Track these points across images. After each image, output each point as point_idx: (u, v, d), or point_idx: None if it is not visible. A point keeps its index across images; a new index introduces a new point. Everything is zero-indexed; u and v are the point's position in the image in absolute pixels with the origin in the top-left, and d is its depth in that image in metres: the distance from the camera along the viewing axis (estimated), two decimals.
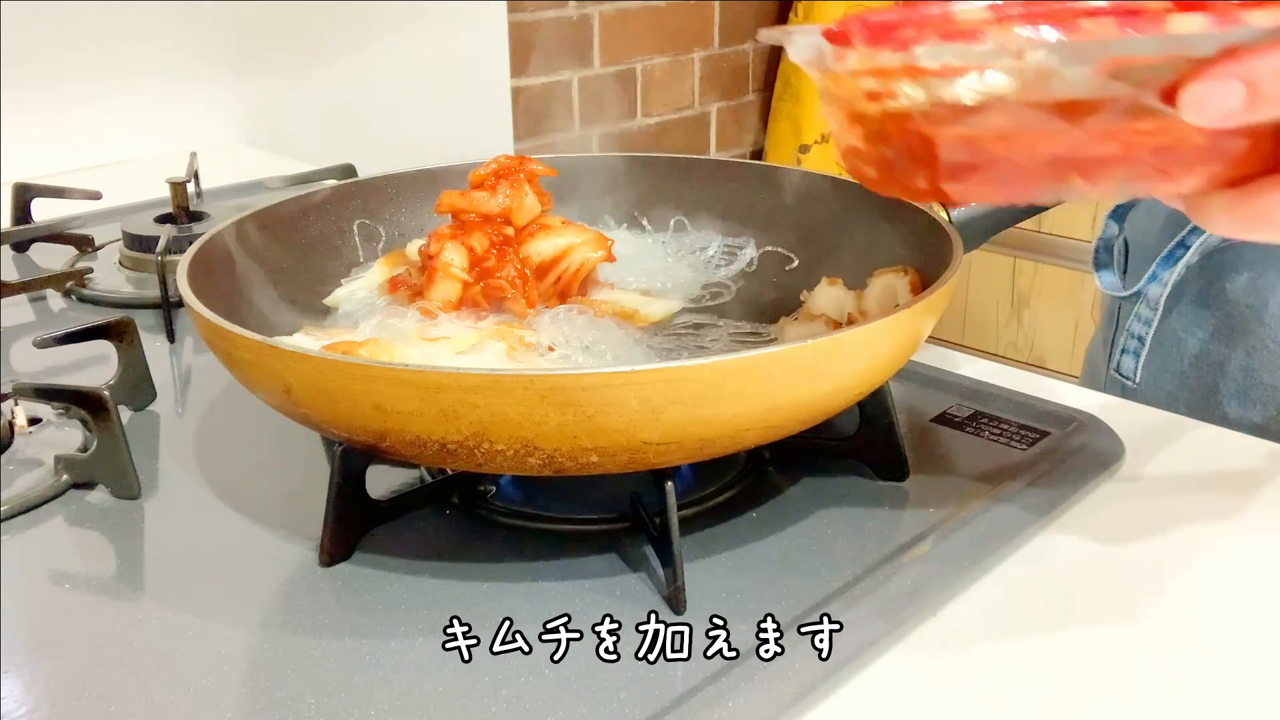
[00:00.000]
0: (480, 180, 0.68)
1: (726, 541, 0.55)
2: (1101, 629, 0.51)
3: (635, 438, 0.48)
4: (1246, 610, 0.53)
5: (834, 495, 0.59)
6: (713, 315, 0.71)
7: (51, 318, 0.86)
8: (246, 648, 0.49)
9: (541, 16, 1.92)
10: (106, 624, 0.51)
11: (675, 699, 0.45)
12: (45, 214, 1.03)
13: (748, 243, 0.77)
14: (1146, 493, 0.61)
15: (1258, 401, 0.78)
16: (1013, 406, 0.68)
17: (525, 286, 0.66)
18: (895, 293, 0.64)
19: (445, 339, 0.61)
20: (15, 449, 0.64)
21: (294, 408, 0.52)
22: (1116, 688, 0.48)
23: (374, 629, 0.49)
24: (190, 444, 0.66)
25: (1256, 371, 0.78)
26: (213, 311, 0.53)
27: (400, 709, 0.45)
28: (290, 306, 0.68)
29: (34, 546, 0.56)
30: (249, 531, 0.57)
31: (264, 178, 1.06)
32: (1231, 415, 0.79)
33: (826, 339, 0.50)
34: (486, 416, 0.47)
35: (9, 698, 0.46)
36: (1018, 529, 0.57)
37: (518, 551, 0.55)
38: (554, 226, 0.68)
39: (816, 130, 2.25)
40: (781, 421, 0.52)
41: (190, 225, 0.94)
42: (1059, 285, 2.30)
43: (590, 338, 0.63)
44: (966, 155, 0.43)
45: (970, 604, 0.52)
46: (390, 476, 0.60)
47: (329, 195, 0.75)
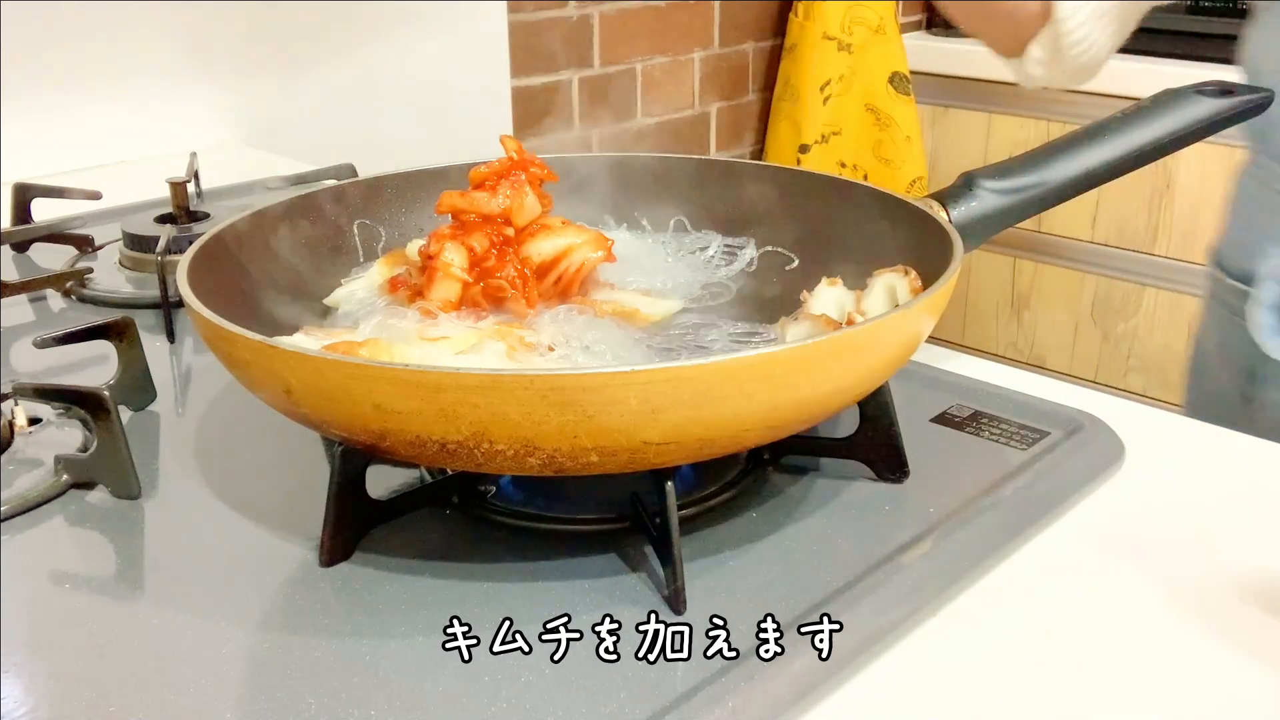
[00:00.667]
0: (481, 181, 0.68)
1: (726, 541, 0.55)
2: (1101, 629, 0.51)
3: (635, 438, 0.48)
4: (1246, 610, 0.53)
5: (834, 495, 0.59)
6: (713, 315, 0.71)
7: (51, 318, 0.86)
8: (246, 648, 0.49)
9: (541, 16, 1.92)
10: (106, 624, 0.51)
11: (675, 699, 0.45)
12: (45, 214, 1.03)
13: (748, 243, 0.77)
14: (1146, 493, 0.61)
15: None
16: (1013, 406, 0.68)
17: (525, 287, 0.66)
18: (895, 293, 0.64)
19: (445, 339, 0.61)
20: (15, 449, 0.64)
21: (294, 408, 0.52)
22: (1117, 688, 0.48)
23: (374, 629, 0.49)
24: (190, 444, 0.66)
25: None
26: (213, 311, 0.53)
27: (400, 709, 0.45)
28: (290, 306, 0.68)
29: (34, 546, 0.56)
30: (249, 531, 0.57)
31: (264, 178, 1.06)
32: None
33: (826, 339, 0.50)
34: (486, 416, 0.47)
35: (9, 698, 0.46)
36: (1018, 529, 0.57)
37: (518, 551, 0.55)
38: (554, 227, 0.68)
39: (816, 130, 2.25)
40: (781, 421, 0.52)
41: (190, 225, 0.94)
42: (1059, 285, 2.30)
43: (590, 338, 0.63)
44: None
45: (970, 604, 0.52)
46: (390, 476, 0.60)
47: (329, 195, 0.75)
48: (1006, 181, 0.68)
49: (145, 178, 1.07)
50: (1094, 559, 0.56)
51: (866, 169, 2.28)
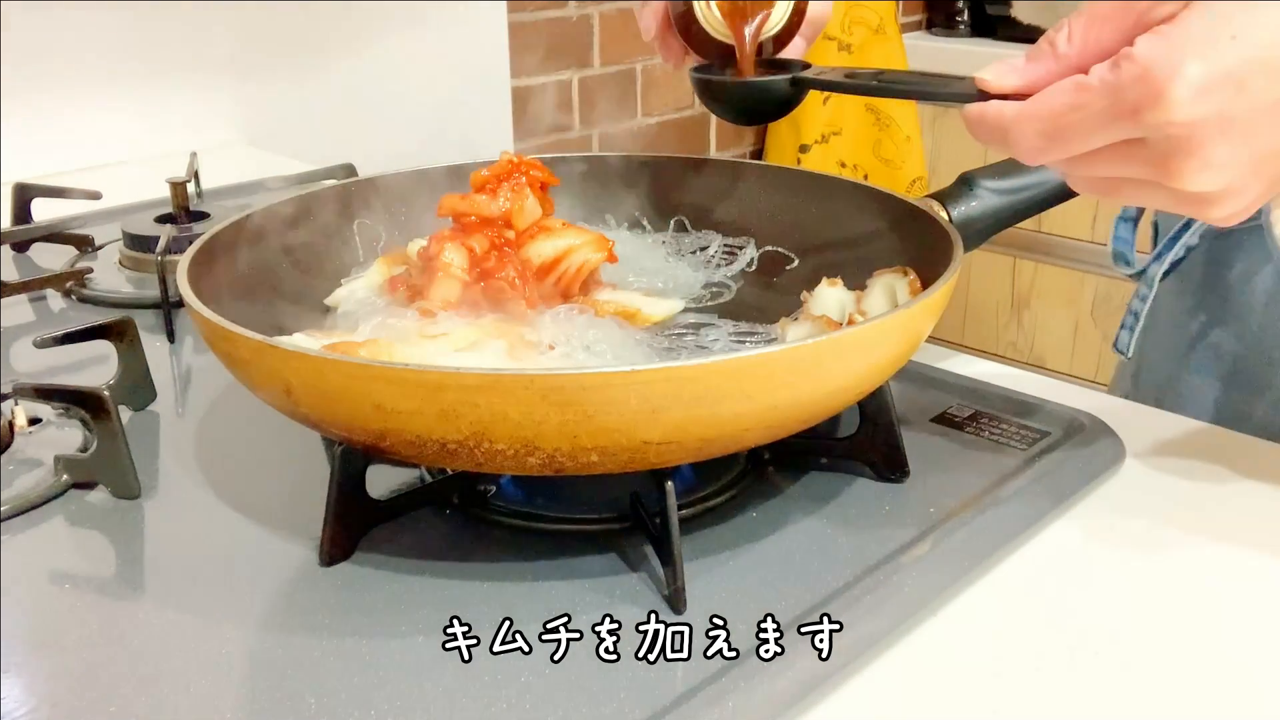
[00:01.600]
0: (481, 184, 0.68)
1: (726, 541, 0.55)
2: (1101, 629, 0.51)
3: (635, 437, 0.48)
4: (1247, 609, 0.53)
5: (834, 495, 0.59)
6: (713, 315, 0.71)
7: (51, 318, 0.86)
8: (246, 648, 0.49)
9: (541, 16, 1.92)
10: (106, 624, 0.51)
11: (675, 699, 0.45)
12: (45, 214, 1.03)
13: (748, 243, 0.77)
14: (1146, 493, 0.61)
15: (1245, 386, 0.78)
16: (1013, 406, 0.68)
17: (525, 287, 0.66)
18: (895, 293, 0.64)
19: (445, 335, 0.61)
20: (15, 449, 0.64)
21: (294, 407, 0.52)
22: (1117, 687, 0.48)
23: (374, 629, 0.49)
24: (190, 444, 0.66)
25: (1245, 356, 0.78)
26: (213, 311, 0.53)
27: (400, 709, 0.45)
28: (290, 306, 0.68)
29: (34, 546, 0.56)
30: (249, 531, 0.57)
31: (264, 178, 1.06)
32: (1221, 398, 0.79)
33: (826, 339, 0.50)
34: (487, 416, 0.47)
35: (9, 698, 0.46)
36: (1017, 529, 0.57)
37: (518, 551, 0.55)
38: (554, 228, 0.68)
39: (816, 130, 2.25)
40: (781, 421, 0.52)
41: (190, 225, 0.94)
42: (1059, 285, 2.30)
43: (591, 337, 0.63)
44: None
45: (970, 604, 0.52)
46: (390, 476, 0.60)
47: (329, 195, 0.75)
48: (1006, 181, 0.68)
49: (145, 178, 1.07)
50: (1094, 559, 0.56)
51: (866, 169, 2.28)
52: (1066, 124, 0.48)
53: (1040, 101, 0.49)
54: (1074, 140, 0.49)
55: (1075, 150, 0.49)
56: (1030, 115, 0.49)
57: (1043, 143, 0.50)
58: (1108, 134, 0.48)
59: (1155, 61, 0.45)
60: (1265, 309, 0.76)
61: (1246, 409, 0.78)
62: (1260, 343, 0.77)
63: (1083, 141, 0.49)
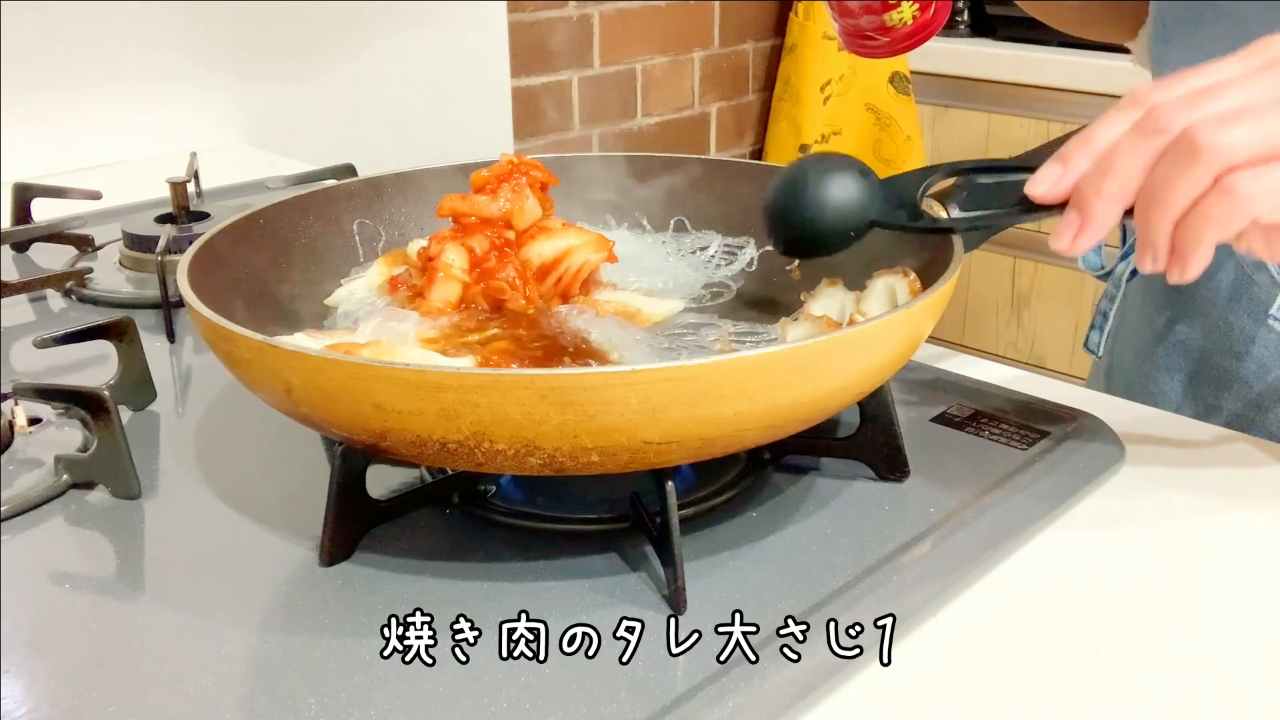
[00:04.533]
0: (482, 184, 0.68)
1: (727, 541, 0.55)
2: (1101, 629, 0.51)
3: (636, 437, 0.48)
4: (1247, 609, 0.53)
5: (834, 495, 0.59)
6: (713, 315, 0.71)
7: (51, 318, 0.86)
8: (246, 648, 0.49)
9: (541, 16, 1.92)
10: (106, 624, 0.51)
11: (675, 699, 0.45)
12: (45, 214, 1.03)
13: (748, 243, 0.77)
14: (1146, 493, 0.61)
15: (1211, 380, 0.79)
16: (1013, 406, 0.68)
17: (525, 287, 0.66)
18: (895, 293, 0.64)
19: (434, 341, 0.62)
20: (15, 449, 0.64)
21: (294, 407, 0.52)
22: (1117, 687, 0.48)
23: (374, 629, 0.49)
24: (190, 444, 0.66)
25: (1210, 351, 0.78)
26: (213, 311, 0.53)
27: (400, 709, 0.45)
28: (290, 306, 0.68)
29: (34, 546, 0.56)
30: (249, 531, 0.57)
31: (264, 178, 1.06)
32: (1188, 393, 0.80)
33: (827, 339, 0.50)
34: (487, 416, 0.47)
35: (9, 698, 0.46)
36: (1017, 529, 0.57)
37: (518, 551, 0.55)
38: (554, 229, 0.68)
39: (816, 130, 2.25)
40: (782, 421, 0.52)
41: (190, 225, 0.94)
42: (1059, 285, 2.30)
43: (591, 337, 0.63)
44: None
45: (970, 604, 0.52)
46: (390, 476, 0.60)
47: (329, 195, 0.75)
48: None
49: (145, 178, 1.07)
50: (1094, 559, 0.56)
51: None
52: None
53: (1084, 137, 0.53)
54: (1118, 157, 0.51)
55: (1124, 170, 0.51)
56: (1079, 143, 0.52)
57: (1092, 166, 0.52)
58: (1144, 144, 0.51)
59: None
60: (1228, 304, 0.77)
61: (1215, 402, 0.78)
62: (1225, 337, 0.77)
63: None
